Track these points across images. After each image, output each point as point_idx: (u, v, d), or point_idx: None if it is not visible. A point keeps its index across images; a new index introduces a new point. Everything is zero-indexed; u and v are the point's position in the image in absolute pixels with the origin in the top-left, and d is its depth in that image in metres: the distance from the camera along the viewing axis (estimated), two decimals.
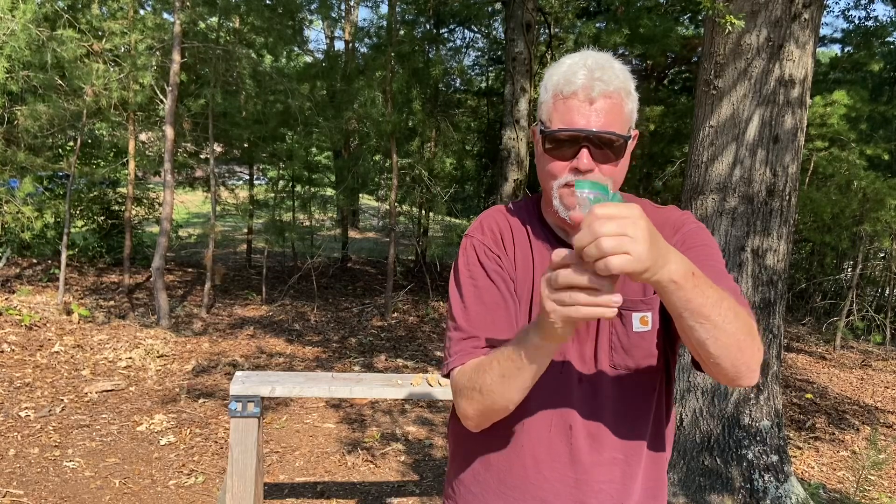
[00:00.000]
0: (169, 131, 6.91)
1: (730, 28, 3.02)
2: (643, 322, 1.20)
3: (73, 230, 8.95)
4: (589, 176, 1.12)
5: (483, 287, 1.21)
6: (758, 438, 3.55)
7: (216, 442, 4.19)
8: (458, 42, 12.47)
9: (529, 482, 1.22)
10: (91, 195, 9.58)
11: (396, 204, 9.13)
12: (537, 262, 1.24)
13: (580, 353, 1.21)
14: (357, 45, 10.64)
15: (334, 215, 11.46)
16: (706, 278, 0.96)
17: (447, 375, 1.23)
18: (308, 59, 11.08)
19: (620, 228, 0.81)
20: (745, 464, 3.52)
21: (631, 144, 1.18)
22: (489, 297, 1.21)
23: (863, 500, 3.87)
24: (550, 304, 0.89)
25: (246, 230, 10.97)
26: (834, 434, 5.13)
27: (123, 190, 9.74)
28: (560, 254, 0.87)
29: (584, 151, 1.11)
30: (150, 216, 10.26)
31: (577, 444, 1.20)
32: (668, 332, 1.23)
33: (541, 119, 1.19)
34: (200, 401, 4.86)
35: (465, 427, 1.24)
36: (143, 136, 9.24)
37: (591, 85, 1.10)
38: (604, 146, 1.12)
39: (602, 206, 0.84)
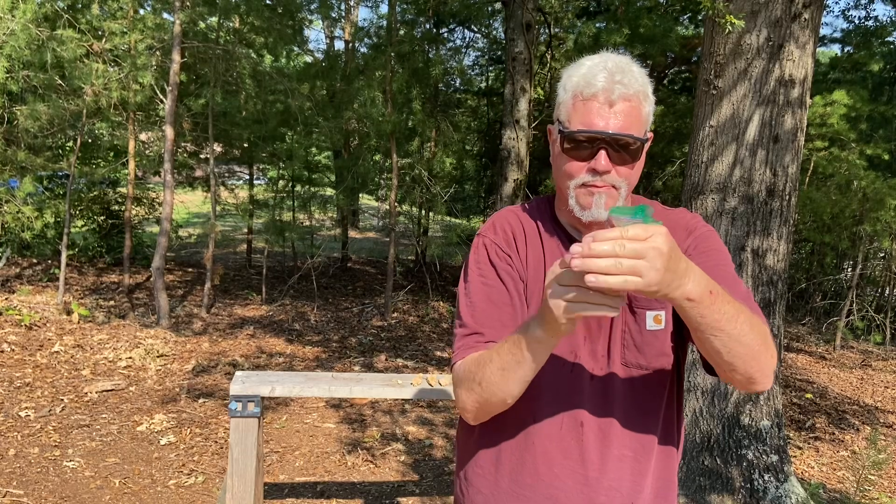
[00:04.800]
0: (169, 131, 6.91)
1: (730, 28, 3.02)
2: (657, 321, 1.21)
3: (73, 230, 8.95)
4: (606, 178, 1.14)
5: (492, 285, 1.23)
6: (758, 438, 3.55)
7: (216, 442, 4.19)
8: (458, 42, 12.46)
9: (540, 479, 1.22)
10: (91, 195, 9.58)
11: (396, 204, 9.13)
12: (549, 260, 1.25)
13: (592, 351, 1.22)
14: (357, 45, 10.62)
15: (334, 215, 11.45)
16: (724, 294, 0.98)
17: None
18: (308, 59, 11.07)
19: (638, 252, 0.84)
20: (745, 464, 3.52)
21: (646, 146, 1.20)
22: (497, 295, 1.22)
23: (863, 500, 3.87)
24: (556, 300, 0.92)
25: (246, 230, 10.96)
26: (834, 434, 5.13)
27: (123, 190, 9.74)
28: (576, 249, 0.88)
29: (602, 153, 1.13)
30: (150, 216, 10.25)
31: (587, 441, 1.21)
32: (681, 331, 1.24)
33: (559, 119, 1.20)
34: (200, 401, 4.86)
35: (473, 427, 1.26)
36: (143, 136, 9.23)
37: (611, 88, 1.12)
38: (621, 148, 1.14)
39: (632, 226, 0.86)
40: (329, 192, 10.31)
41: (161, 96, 7.26)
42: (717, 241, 1.25)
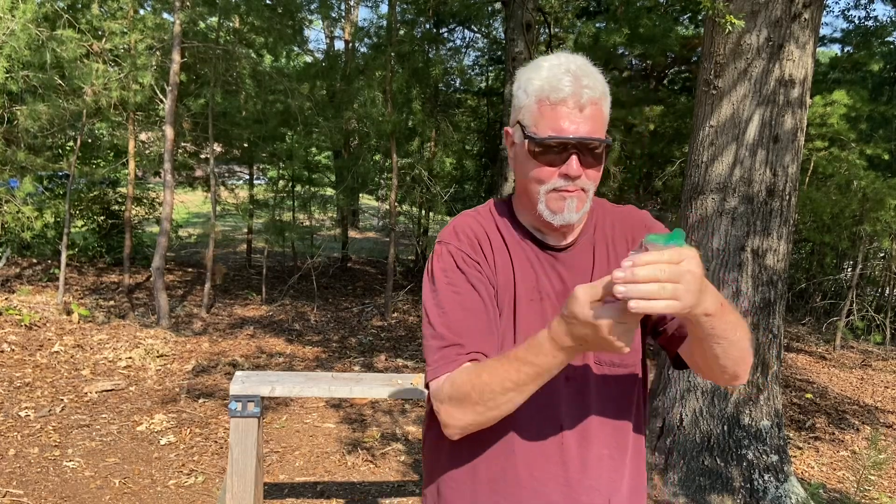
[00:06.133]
0: (169, 131, 6.91)
1: (730, 28, 3.02)
2: None
3: (73, 230, 8.95)
4: (577, 182, 1.15)
5: (464, 293, 1.19)
6: (758, 438, 3.55)
7: (216, 442, 4.19)
8: (458, 42, 12.47)
9: (522, 485, 1.21)
10: (91, 195, 9.58)
11: (396, 204, 9.13)
12: (516, 263, 1.24)
13: None
14: (357, 44, 10.63)
15: (334, 215, 11.46)
16: (729, 304, 1.03)
17: (427, 386, 1.20)
18: (308, 58, 11.08)
19: (675, 276, 0.87)
20: (745, 464, 3.52)
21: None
22: (470, 303, 1.19)
23: (863, 500, 3.87)
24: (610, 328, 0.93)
25: (246, 230, 10.96)
26: (834, 434, 5.12)
27: (123, 190, 9.74)
28: (618, 275, 0.89)
29: (574, 158, 1.13)
30: (150, 216, 10.26)
31: (567, 443, 1.21)
32: (645, 325, 1.26)
33: (521, 122, 1.18)
34: (200, 401, 4.86)
35: (445, 440, 1.21)
36: (143, 136, 9.23)
37: (579, 92, 1.11)
38: (589, 152, 1.14)
39: (666, 250, 0.88)
40: (329, 192, 10.31)
41: (161, 96, 7.25)
42: None
